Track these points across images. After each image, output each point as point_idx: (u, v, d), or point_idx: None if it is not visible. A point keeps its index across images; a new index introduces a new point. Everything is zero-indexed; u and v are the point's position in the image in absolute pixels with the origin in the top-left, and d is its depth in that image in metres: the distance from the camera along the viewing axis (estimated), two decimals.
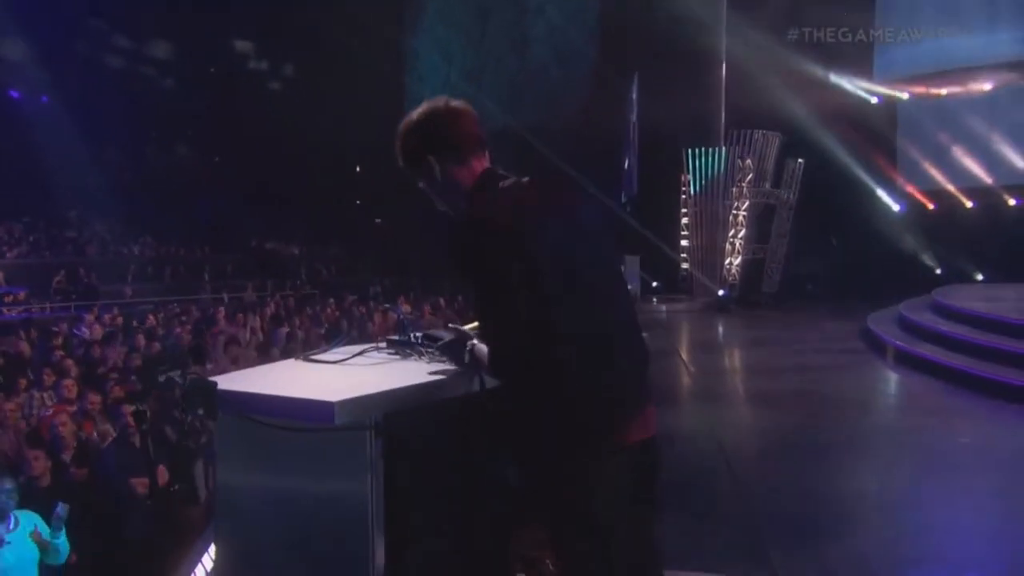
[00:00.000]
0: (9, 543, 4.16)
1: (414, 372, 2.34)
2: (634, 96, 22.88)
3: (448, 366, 2.40)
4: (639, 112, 22.97)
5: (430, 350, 2.61)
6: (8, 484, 4.31)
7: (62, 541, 4.33)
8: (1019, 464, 6.88)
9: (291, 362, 2.61)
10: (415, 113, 2.35)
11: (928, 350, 11.60)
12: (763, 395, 10.35)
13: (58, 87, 24.27)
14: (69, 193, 23.46)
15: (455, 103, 2.34)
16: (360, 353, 2.60)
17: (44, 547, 4.30)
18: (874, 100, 23.75)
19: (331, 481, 2.11)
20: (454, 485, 2.40)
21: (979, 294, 15.77)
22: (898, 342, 12.36)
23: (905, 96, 23.79)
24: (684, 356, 13.98)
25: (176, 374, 2.19)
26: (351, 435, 2.02)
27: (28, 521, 4.32)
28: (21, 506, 4.35)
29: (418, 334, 2.82)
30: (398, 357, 2.62)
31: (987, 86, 22.28)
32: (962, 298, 14.32)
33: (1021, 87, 21.53)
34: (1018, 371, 9.50)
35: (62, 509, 4.31)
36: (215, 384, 2.13)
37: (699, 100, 22.29)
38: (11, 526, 4.20)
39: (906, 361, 11.89)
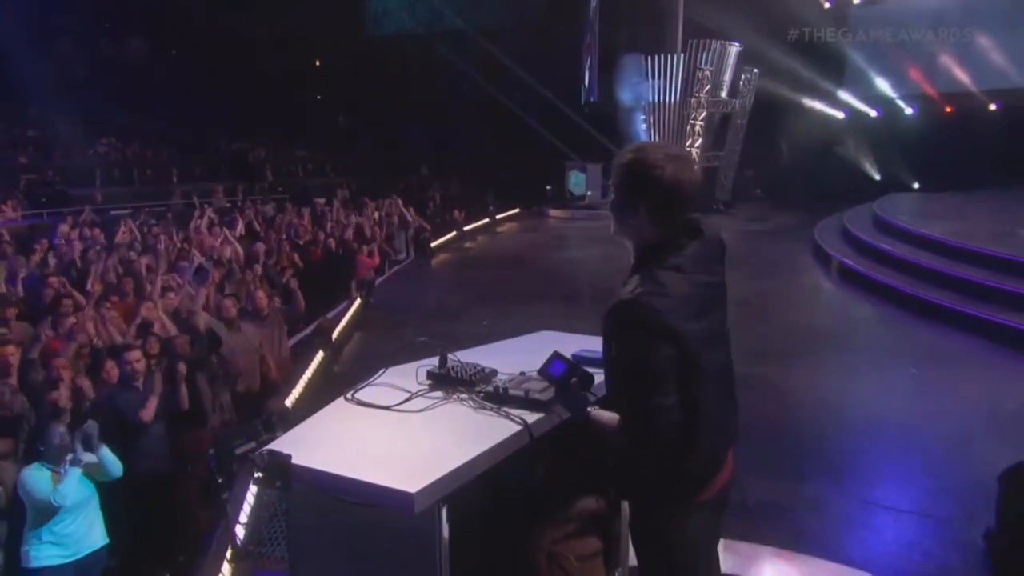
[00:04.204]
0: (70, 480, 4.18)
1: (469, 430, 2.41)
2: (594, 2, 22.16)
3: (495, 416, 2.47)
4: (600, 17, 22.31)
5: (475, 391, 2.66)
6: (61, 428, 4.31)
7: (107, 455, 4.37)
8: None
9: (342, 405, 2.63)
10: (661, 154, 2.21)
11: (869, 267, 11.98)
12: None
13: None
14: (25, 88, 22.06)
15: (695, 173, 2.25)
16: (409, 398, 2.63)
17: (94, 469, 4.32)
18: (827, 4, 23.46)
19: (402, 548, 2.19)
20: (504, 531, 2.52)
21: (919, 207, 16.11)
22: (846, 260, 12.69)
23: (857, 1, 23.56)
24: None
25: (251, 447, 2.23)
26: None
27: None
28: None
29: (457, 359, 2.86)
30: (442, 396, 2.66)
31: None
32: (903, 212, 14.65)
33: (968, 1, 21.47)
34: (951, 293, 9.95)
35: (92, 427, 4.32)
36: (290, 458, 2.16)
37: (658, 7, 21.74)
38: (66, 468, 4.21)
39: (849, 276, 12.32)
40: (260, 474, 2.16)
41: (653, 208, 2.21)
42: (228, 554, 3.76)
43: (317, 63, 31.47)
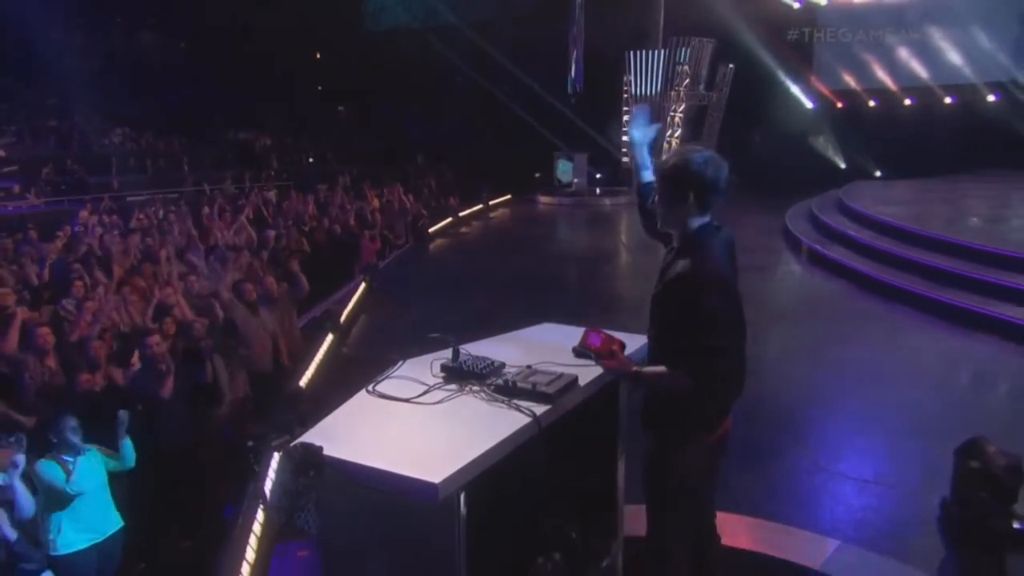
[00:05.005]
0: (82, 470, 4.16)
1: (483, 421, 2.46)
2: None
3: (506, 409, 2.53)
4: (585, 14, 22.18)
5: (487, 384, 2.71)
6: (73, 421, 4.28)
7: (128, 447, 4.37)
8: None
9: (364, 398, 2.68)
10: (701, 156, 2.61)
11: (836, 251, 12.06)
12: None
13: None
14: (46, 79, 21.73)
15: (726, 170, 2.61)
16: (426, 391, 2.69)
17: (113, 457, 4.32)
18: (796, 5, 23.46)
19: (425, 530, 2.26)
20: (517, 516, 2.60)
21: (880, 194, 16.19)
22: (815, 245, 12.76)
23: (824, 2, 23.56)
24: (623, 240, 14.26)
25: (285, 440, 2.28)
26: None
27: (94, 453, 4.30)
28: None
29: (468, 352, 2.91)
30: (456, 389, 2.72)
31: None
32: (866, 200, 14.72)
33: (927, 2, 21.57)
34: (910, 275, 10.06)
35: (124, 415, 4.32)
36: (322, 450, 2.22)
37: (640, 4, 21.62)
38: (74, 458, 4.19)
39: (817, 260, 12.40)
40: (295, 464, 2.22)
41: (699, 198, 2.59)
42: (256, 528, 3.82)
43: (318, 56, 31.14)
